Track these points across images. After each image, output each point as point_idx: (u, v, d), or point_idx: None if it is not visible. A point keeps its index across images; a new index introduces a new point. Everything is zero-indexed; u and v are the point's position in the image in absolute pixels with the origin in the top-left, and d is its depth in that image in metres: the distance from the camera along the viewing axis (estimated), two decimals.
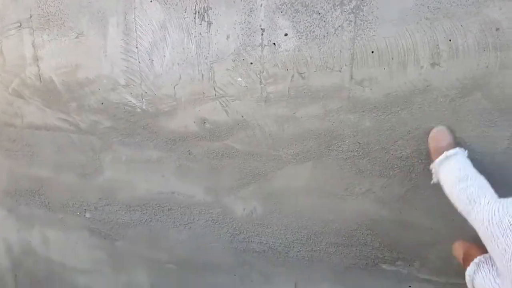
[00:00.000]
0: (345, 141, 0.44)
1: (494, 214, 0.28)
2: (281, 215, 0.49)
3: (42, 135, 0.58)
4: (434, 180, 0.36)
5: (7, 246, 0.69)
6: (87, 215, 0.59)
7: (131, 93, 0.50)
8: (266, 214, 0.49)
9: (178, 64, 0.47)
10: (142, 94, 0.50)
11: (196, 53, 0.46)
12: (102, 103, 0.52)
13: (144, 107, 0.50)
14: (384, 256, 0.46)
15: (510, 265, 0.25)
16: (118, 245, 0.59)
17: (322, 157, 0.45)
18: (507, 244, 0.26)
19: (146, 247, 0.57)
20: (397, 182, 0.43)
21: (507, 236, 0.26)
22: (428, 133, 0.40)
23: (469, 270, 0.31)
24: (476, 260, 0.31)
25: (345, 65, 0.42)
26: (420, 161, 0.42)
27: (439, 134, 0.37)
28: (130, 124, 0.52)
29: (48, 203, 0.61)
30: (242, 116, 0.47)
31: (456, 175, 0.33)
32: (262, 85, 0.45)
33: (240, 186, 0.50)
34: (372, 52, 0.41)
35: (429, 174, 0.41)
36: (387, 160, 0.43)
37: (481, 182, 0.32)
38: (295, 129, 0.45)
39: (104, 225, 0.59)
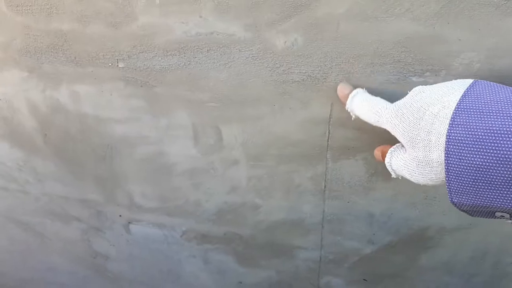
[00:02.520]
0: None
1: (392, 112, 0.44)
2: (321, 44, 0.55)
3: None
4: (353, 116, 0.54)
5: (32, 107, 0.71)
6: (121, 65, 0.62)
7: None
8: (306, 44, 0.55)
9: None
10: None
11: None
12: None
13: None
14: (414, 70, 0.54)
15: (406, 139, 0.42)
16: (156, 91, 0.64)
17: None
18: (402, 127, 0.42)
19: (186, 90, 0.63)
20: None
21: (402, 121, 0.42)
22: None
23: (386, 159, 0.48)
24: (389, 150, 0.48)
25: None
26: None
27: (342, 86, 0.55)
28: None
29: (75, 57, 0.63)
30: None
31: (362, 103, 0.50)
32: None
33: (281, 19, 0.54)
34: None
35: None
36: None
37: (379, 99, 0.49)
38: None
39: (140, 73, 0.62)
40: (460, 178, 0.38)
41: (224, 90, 0.62)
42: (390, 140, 0.57)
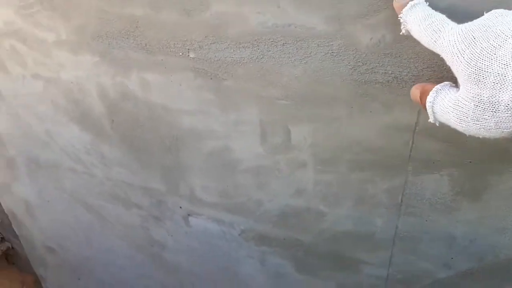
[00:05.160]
0: None
1: (459, 34, 0.35)
2: (413, 42, 0.48)
3: None
4: (403, 31, 0.44)
5: (101, 92, 0.73)
6: (191, 55, 0.61)
7: None
8: (396, 42, 0.50)
9: None
10: None
11: None
12: None
13: None
14: None
15: (470, 71, 0.34)
16: (226, 84, 0.62)
17: None
18: (470, 54, 0.34)
19: (257, 85, 0.60)
20: None
21: (471, 47, 0.34)
22: None
23: (429, 98, 0.40)
24: (434, 88, 0.40)
25: None
26: None
27: None
28: None
29: (146, 44, 0.62)
30: None
31: (422, 17, 0.40)
32: None
33: (369, 13, 0.49)
34: None
35: None
36: None
37: (443, 16, 0.39)
38: None
39: (210, 64, 0.61)
40: None
41: (298, 87, 0.58)
42: None
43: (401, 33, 0.45)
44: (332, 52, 0.53)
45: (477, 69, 0.33)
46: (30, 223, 1.19)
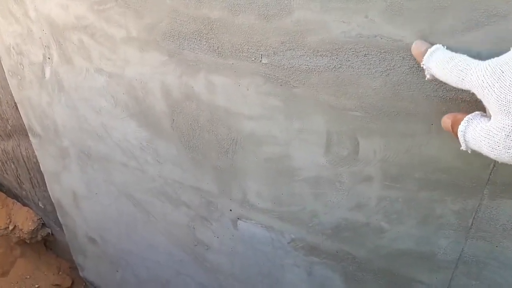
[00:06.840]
0: None
1: (486, 69, 0.37)
2: None
3: None
4: (428, 76, 0.46)
5: (165, 91, 0.73)
6: (264, 60, 0.60)
7: None
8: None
9: None
10: None
11: None
12: None
13: None
14: None
15: (500, 103, 0.36)
16: (296, 92, 0.61)
17: None
18: (499, 87, 0.36)
19: (330, 94, 0.59)
20: None
21: (500, 80, 0.36)
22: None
23: (461, 127, 0.41)
24: (466, 118, 0.41)
25: None
26: None
27: (418, 43, 0.47)
28: None
29: (218, 47, 0.62)
30: None
31: (444, 60, 0.42)
32: None
33: (466, 29, 0.46)
34: None
35: None
36: None
37: (465, 56, 0.41)
38: None
39: (283, 71, 0.60)
40: None
41: (374, 100, 0.57)
42: None
43: (426, 79, 0.47)
44: (418, 66, 0.51)
45: (507, 102, 0.35)
46: (75, 213, 1.22)
